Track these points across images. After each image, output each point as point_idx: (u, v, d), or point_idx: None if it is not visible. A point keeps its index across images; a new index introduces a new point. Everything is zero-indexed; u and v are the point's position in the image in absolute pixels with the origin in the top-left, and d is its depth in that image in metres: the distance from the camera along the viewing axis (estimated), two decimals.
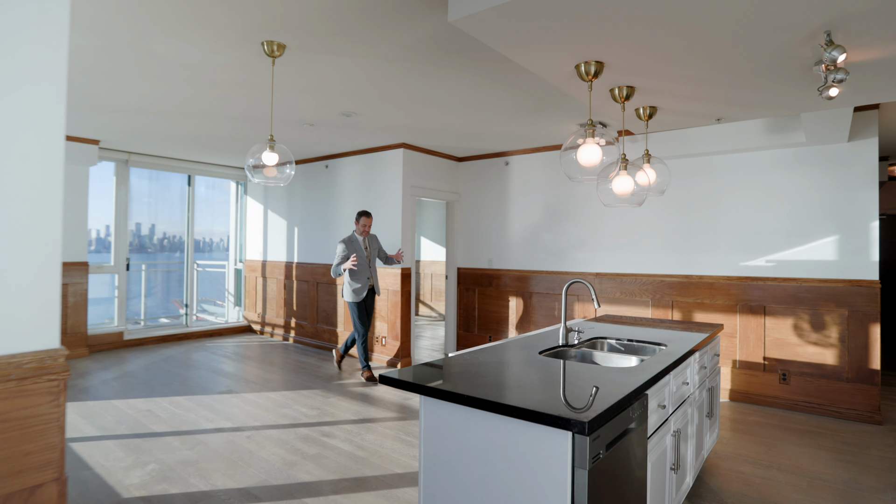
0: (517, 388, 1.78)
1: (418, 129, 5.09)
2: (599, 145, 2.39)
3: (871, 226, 4.03)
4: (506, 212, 6.11)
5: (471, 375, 1.94)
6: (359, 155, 6.20)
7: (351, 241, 5.11)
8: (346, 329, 6.34)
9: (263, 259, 7.64)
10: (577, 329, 2.81)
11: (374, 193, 6.01)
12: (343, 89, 3.82)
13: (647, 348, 2.76)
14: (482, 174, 6.35)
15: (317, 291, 6.75)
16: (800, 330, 4.30)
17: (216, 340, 7.18)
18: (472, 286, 6.38)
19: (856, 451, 3.47)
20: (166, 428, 3.75)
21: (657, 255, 5.00)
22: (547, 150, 5.76)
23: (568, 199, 5.60)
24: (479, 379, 1.88)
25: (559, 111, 4.34)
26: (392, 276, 5.77)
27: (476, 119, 4.64)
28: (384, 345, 5.87)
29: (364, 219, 5.11)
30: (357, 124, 4.89)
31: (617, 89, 2.76)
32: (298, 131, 5.21)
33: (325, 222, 6.65)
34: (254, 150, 2.95)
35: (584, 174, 2.50)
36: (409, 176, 5.82)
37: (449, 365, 2.12)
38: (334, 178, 6.54)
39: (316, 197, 6.79)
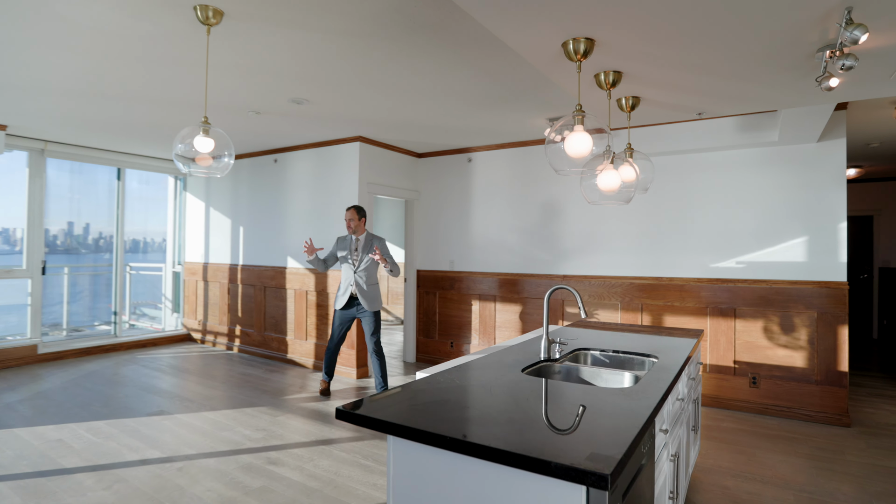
0: (508, 423, 1.46)
1: (376, 121, 4.70)
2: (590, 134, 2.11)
3: (840, 227, 3.99)
4: (468, 211, 5.81)
5: (450, 406, 1.60)
6: (311, 149, 5.74)
7: (342, 239, 4.59)
8: (297, 337, 5.86)
9: (205, 261, 7.01)
10: (559, 340, 2.53)
11: (328, 190, 5.57)
12: (292, 71, 3.39)
13: (636, 360, 2.51)
14: (443, 171, 6.02)
15: (264, 296, 6.22)
16: (770, 333, 4.22)
17: (150, 351, 6.51)
18: (432, 289, 6.04)
19: (832, 458, 3.37)
20: (79, 462, 3.20)
21: (626, 257, 4.83)
22: (513, 146, 5.50)
23: (534, 199, 5.36)
24: (460, 410, 1.55)
25: (529, 104, 4.07)
26: None
27: (440, 110, 4.30)
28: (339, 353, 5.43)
29: (347, 213, 4.50)
30: (309, 113, 4.45)
31: (603, 74, 2.50)
32: (243, 120, 4.71)
33: (274, 221, 6.13)
34: (184, 135, 2.49)
35: (571, 166, 2.22)
36: (366, 172, 5.41)
37: (421, 391, 1.77)
38: (284, 173, 6.03)
39: (263, 194, 6.26)
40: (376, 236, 4.56)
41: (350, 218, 4.49)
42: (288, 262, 5.96)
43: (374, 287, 4.52)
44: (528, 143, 5.38)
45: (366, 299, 4.45)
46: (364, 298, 4.45)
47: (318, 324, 5.65)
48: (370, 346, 4.50)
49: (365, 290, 4.45)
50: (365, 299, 4.45)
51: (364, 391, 4.81)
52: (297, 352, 5.86)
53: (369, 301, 4.46)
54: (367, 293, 4.46)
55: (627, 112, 2.93)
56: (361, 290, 4.45)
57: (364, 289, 4.45)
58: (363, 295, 4.44)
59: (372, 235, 4.55)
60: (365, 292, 4.45)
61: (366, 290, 4.45)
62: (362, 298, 4.44)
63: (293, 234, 5.91)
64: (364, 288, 4.45)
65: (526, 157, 5.42)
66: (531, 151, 5.38)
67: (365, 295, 4.45)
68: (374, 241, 4.50)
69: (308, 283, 5.72)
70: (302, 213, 5.82)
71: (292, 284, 5.89)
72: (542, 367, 2.30)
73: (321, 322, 5.62)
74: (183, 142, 2.50)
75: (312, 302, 5.70)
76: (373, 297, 4.49)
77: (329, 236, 5.53)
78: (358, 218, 4.51)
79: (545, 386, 1.88)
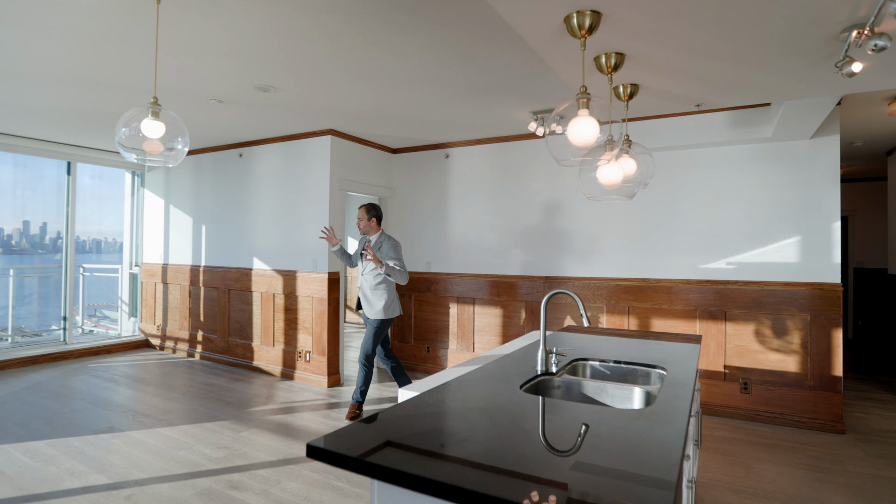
0: (520, 460, 1.19)
1: (349, 113, 4.38)
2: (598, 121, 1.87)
3: (833, 226, 3.87)
4: (446, 210, 5.54)
5: (446, 438, 1.33)
6: (279, 142, 5.37)
7: (362, 238, 4.27)
8: (264, 343, 5.49)
9: (164, 262, 6.55)
10: (556, 350, 2.28)
11: (297, 186, 5.22)
12: (258, 53, 3.06)
13: (640, 372, 2.28)
14: (420, 168, 5.74)
15: (228, 300, 5.82)
16: (762, 336, 4.08)
17: (104, 360, 6.02)
18: (407, 291, 5.74)
19: (832, 468, 3.22)
20: (11, 491, 2.79)
21: (612, 257, 4.64)
22: (493, 141, 5.25)
23: (515, 197, 5.12)
24: (459, 445, 1.27)
25: (514, 95, 3.82)
26: (317, 281, 5.01)
27: (419, 101, 4.02)
28: (308, 361, 5.09)
29: (358, 212, 4.10)
30: (276, 103, 4.10)
31: (605, 57, 2.26)
32: (204, 110, 4.33)
33: (239, 220, 5.73)
34: (128, 118, 2.14)
35: (575, 155, 1.97)
36: (338, 167, 5.08)
37: (409, 417, 1.48)
38: (249, 168, 5.64)
39: (227, 190, 5.86)
40: (390, 237, 4.10)
41: (360, 217, 4.11)
42: (254, 264, 5.57)
43: (380, 292, 4.03)
44: (509, 138, 5.14)
45: (367, 303, 4.07)
46: (366, 302, 4.08)
47: (286, 329, 5.29)
48: (360, 354, 4.08)
49: (367, 294, 4.07)
50: (367, 303, 4.08)
51: (335, 403, 4.49)
52: (263, 359, 5.48)
53: (371, 306, 4.04)
54: (370, 297, 4.06)
55: (625, 101, 2.71)
56: (364, 293, 4.10)
57: (367, 293, 4.08)
58: (365, 299, 4.09)
59: (386, 237, 4.11)
60: (367, 296, 4.08)
61: (368, 294, 4.07)
62: (364, 302, 4.10)
63: (259, 233, 5.53)
64: (367, 292, 4.08)
65: (507, 153, 5.18)
66: (513, 147, 5.14)
67: (367, 298, 4.08)
68: (384, 242, 4.07)
69: (276, 285, 5.35)
70: (269, 211, 5.45)
71: (259, 287, 5.51)
72: (540, 383, 2.05)
73: (289, 327, 5.26)
74: (128, 125, 2.15)
75: (280, 306, 5.33)
76: (375, 303, 4.03)
77: (298, 236, 5.18)
78: (367, 217, 4.08)
79: (545, 406, 1.62)
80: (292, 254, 5.23)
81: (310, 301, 5.09)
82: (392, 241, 4.09)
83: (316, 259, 5.02)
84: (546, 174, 4.95)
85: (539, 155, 4.99)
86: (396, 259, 3.99)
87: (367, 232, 4.13)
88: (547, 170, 4.94)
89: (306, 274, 5.10)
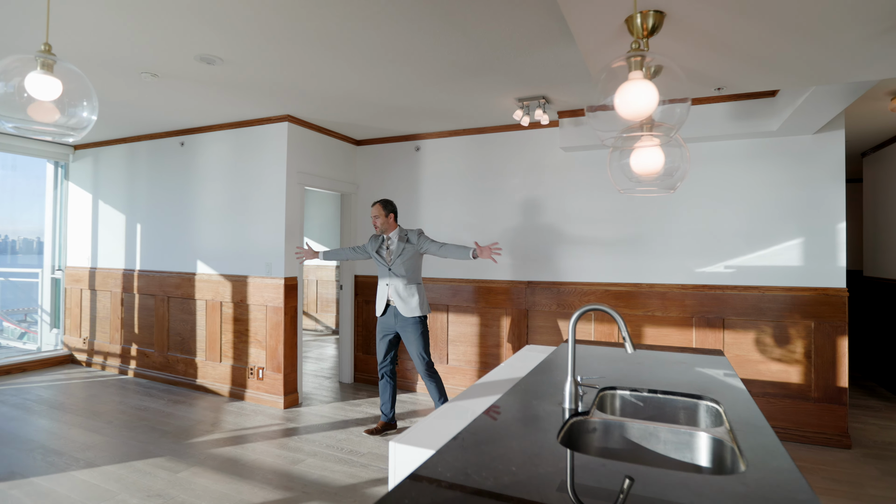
0: None
1: (310, 95, 3.81)
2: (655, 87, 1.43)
3: (838, 227, 3.63)
4: (416, 207, 5.03)
5: None
6: (228, 129, 4.71)
7: (374, 237, 3.81)
8: (210, 358, 4.81)
9: (92, 266, 5.72)
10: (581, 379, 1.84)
11: (249, 180, 4.58)
12: (200, 10, 2.46)
13: (682, 404, 1.86)
14: (386, 161, 5.21)
15: (167, 309, 5.09)
16: (762, 345, 3.80)
17: (17, 380, 5.15)
18: (372, 298, 5.20)
19: (853, 492, 2.94)
20: None
21: (601, 260, 4.27)
22: (470, 133, 4.79)
23: (494, 194, 4.68)
24: None
25: (500, 76, 3.37)
26: (272, 287, 4.40)
27: (392, 82, 3.50)
28: (261, 378, 4.47)
29: (372, 209, 3.70)
30: (224, 79, 3.49)
31: (640, 17, 1.83)
32: (135, 86, 3.65)
33: (180, 218, 5.02)
34: (6, 68, 1.54)
35: (624, 129, 1.52)
36: (296, 159, 4.49)
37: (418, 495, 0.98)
38: (193, 159, 4.95)
39: (167, 185, 5.13)
40: (411, 229, 3.75)
41: (375, 215, 3.66)
42: (198, 268, 4.88)
43: (412, 287, 3.64)
44: (488, 129, 4.69)
45: (403, 301, 3.60)
46: (401, 300, 3.61)
47: (235, 342, 4.64)
48: (420, 368, 3.62)
49: (401, 291, 3.61)
50: (402, 301, 3.60)
51: (294, 429, 3.90)
52: (208, 376, 4.80)
53: (406, 303, 3.59)
54: (404, 294, 3.61)
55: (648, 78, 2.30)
56: (397, 291, 3.62)
57: (400, 289, 3.61)
58: (399, 297, 3.61)
59: (406, 230, 3.74)
60: (401, 293, 3.61)
61: (402, 291, 3.61)
62: (399, 301, 3.61)
63: (204, 233, 4.85)
64: (400, 290, 3.61)
65: (485, 146, 4.73)
66: (492, 140, 4.70)
67: (401, 297, 3.61)
68: (410, 234, 3.70)
69: (223, 292, 4.69)
70: (216, 207, 4.78)
71: (203, 294, 4.83)
72: (574, 427, 1.59)
73: (239, 340, 4.61)
74: (5, 79, 1.55)
75: (229, 315, 4.68)
76: (410, 300, 3.61)
77: (250, 236, 4.54)
78: (385, 213, 3.67)
79: (601, 471, 1.15)
80: (243, 256, 4.59)
81: (263, 310, 4.46)
82: (416, 230, 3.73)
83: (270, 262, 4.41)
84: (528, 170, 4.53)
85: (522, 149, 4.57)
86: (432, 241, 3.69)
87: (386, 230, 3.69)
88: (529, 165, 4.52)
89: (259, 279, 4.47)
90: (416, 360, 3.62)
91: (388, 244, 3.69)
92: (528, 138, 4.53)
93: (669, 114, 1.54)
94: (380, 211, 3.65)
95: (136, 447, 3.47)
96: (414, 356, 3.62)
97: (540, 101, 3.79)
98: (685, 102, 1.52)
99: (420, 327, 3.61)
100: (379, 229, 3.67)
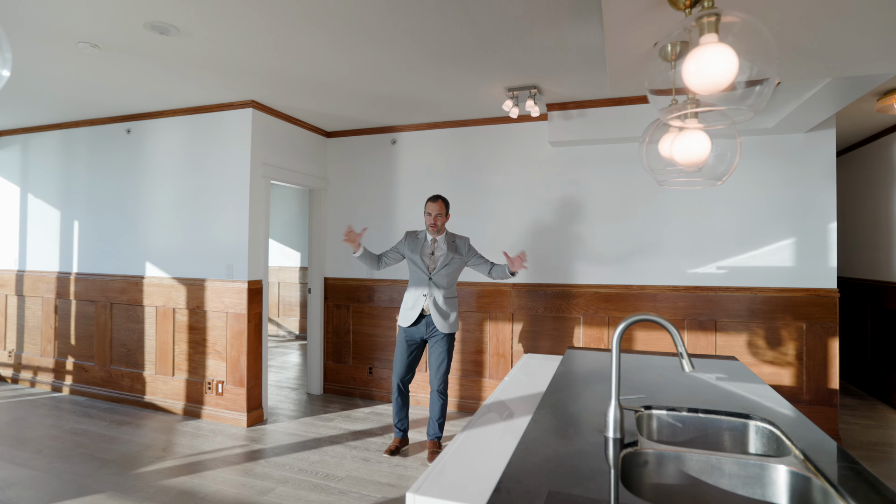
0: None
1: (278, 76, 3.42)
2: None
3: (829, 227, 3.57)
4: (392, 205, 4.71)
5: None
6: (184, 115, 4.23)
7: (413, 235, 3.45)
8: (161, 372, 4.31)
9: (20, 268, 5.06)
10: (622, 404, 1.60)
11: (208, 173, 4.12)
12: None
13: (727, 425, 1.65)
14: (360, 155, 4.85)
15: (110, 317, 4.54)
16: (754, 348, 3.70)
17: None
18: (344, 302, 4.84)
19: None
20: None
21: (588, 261, 4.08)
22: (452, 126, 4.50)
23: (476, 191, 4.41)
24: None
25: (493, 63, 3.11)
26: (234, 292, 3.97)
27: (372, 64, 3.17)
28: (221, 393, 4.03)
29: (428, 205, 3.33)
30: (181, 54, 3.05)
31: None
32: (72, 59, 3.15)
33: (126, 215, 4.49)
34: None
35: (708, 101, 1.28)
36: (261, 150, 4.08)
37: None
38: (141, 149, 4.43)
39: (110, 177, 4.58)
40: (458, 235, 3.45)
41: (437, 213, 3.30)
42: (147, 270, 4.37)
43: (452, 301, 3.35)
44: (470, 122, 4.42)
45: (441, 316, 3.26)
46: (439, 315, 3.26)
47: (190, 353, 4.17)
48: (436, 382, 3.32)
49: (441, 304, 3.26)
50: (440, 316, 3.26)
51: (260, 451, 3.50)
52: (159, 392, 4.30)
53: (445, 318, 3.28)
54: (445, 308, 3.28)
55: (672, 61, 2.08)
56: (436, 303, 3.25)
57: (440, 301, 3.26)
58: (438, 311, 3.26)
59: (453, 234, 3.43)
60: (441, 307, 3.26)
61: (443, 303, 3.27)
62: (437, 315, 3.26)
63: (154, 231, 4.34)
64: (441, 300, 3.26)
65: (467, 141, 4.46)
66: (475, 133, 4.43)
67: (440, 310, 3.26)
68: (459, 241, 3.40)
69: (177, 297, 4.21)
70: (168, 203, 4.29)
71: (153, 300, 4.32)
72: (626, 462, 1.33)
73: (195, 351, 4.15)
74: None
75: (183, 324, 4.20)
76: (450, 314, 3.31)
77: (208, 234, 4.09)
78: (447, 213, 3.36)
79: None
80: (200, 258, 4.13)
81: (223, 317, 4.02)
82: (465, 238, 3.45)
83: (232, 264, 3.97)
84: (513, 166, 4.29)
85: (506, 144, 4.32)
86: (483, 257, 3.45)
87: (440, 231, 3.35)
88: (514, 161, 4.29)
89: (219, 283, 4.03)
90: (436, 374, 3.32)
91: (434, 249, 3.35)
92: (514, 132, 4.29)
93: (748, 92, 1.31)
94: (442, 209, 3.32)
95: (70, 482, 2.98)
96: (435, 370, 3.32)
97: (531, 91, 3.55)
98: (768, 80, 1.28)
99: (452, 342, 3.35)
100: (436, 229, 3.33)
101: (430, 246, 3.35)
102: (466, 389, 4.37)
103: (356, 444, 3.57)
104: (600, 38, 2.72)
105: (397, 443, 3.42)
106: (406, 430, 3.46)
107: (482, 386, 4.34)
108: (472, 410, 4.33)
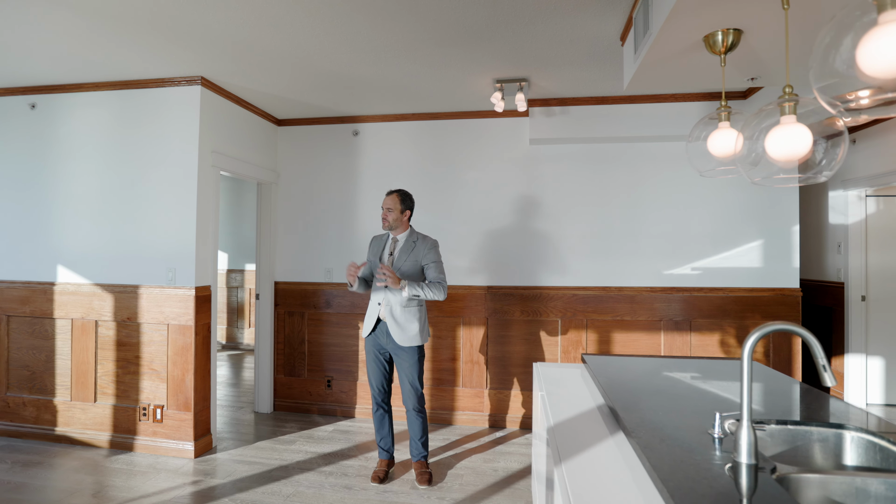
0: None
1: (231, 45, 2.89)
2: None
3: (793, 230, 3.76)
4: (353, 203, 4.32)
5: None
6: (110, 90, 3.55)
7: (378, 239, 3.12)
8: (78, 398, 3.58)
9: None
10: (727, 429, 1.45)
11: (142, 159, 3.49)
12: None
13: (818, 437, 1.56)
14: (315, 146, 4.40)
15: (7, 332, 3.71)
16: (726, 346, 3.81)
17: None
18: (298, 309, 4.37)
19: None
20: None
21: (567, 263, 3.99)
22: (421, 118, 4.21)
23: (447, 189, 4.16)
24: None
25: (487, 50, 2.89)
26: (177, 299, 3.39)
27: (345, 38, 2.80)
28: (160, 420, 3.42)
29: (386, 199, 2.95)
30: (109, 8, 2.48)
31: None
32: None
33: (31, 209, 3.69)
34: None
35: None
36: (210, 135, 3.52)
37: None
38: (51, 127, 3.66)
39: (8, 162, 3.75)
40: (425, 236, 3.03)
41: (389, 207, 2.94)
42: (59, 276, 3.62)
43: (412, 310, 2.90)
44: (442, 115, 4.15)
45: (398, 327, 2.84)
46: (396, 325, 2.85)
47: (118, 374, 3.50)
48: (409, 402, 2.96)
49: (397, 315, 2.85)
50: (398, 327, 2.84)
51: (219, 487, 2.99)
52: (76, 422, 3.58)
53: (403, 330, 2.86)
54: (402, 318, 2.86)
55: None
56: (392, 312, 2.85)
57: (395, 313, 2.85)
58: (395, 321, 2.85)
59: (420, 235, 3.02)
60: (397, 317, 2.85)
61: (398, 314, 2.85)
62: (394, 325, 2.85)
63: (70, 228, 3.61)
64: (396, 311, 2.85)
65: (439, 134, 4.19)
66: (447, 127, 4.18)
67: (396, 321, 2.85)
68: (420, 241, 2.98)
69: (100, 307, 3.52)
70: (89, 195, 3.57)
71: (68, 311, 3.59)
72: (765, 490, 1.17)
73: (125, 371, 3.49)
74: None
75: (108, 339, 3.52)
76: (408, 326, 2.88)
77: (143, 232, 3.47)
78: (401, 208, 2.96)
79: None
80: (132, 260, 3.48)
81: (163, 330, 3.42)
82: (429, 240, 2.99)
83: (175, 268, 3.39)
84: (489, 163, 4.10)
85: (482, 139, 4.11)
86: (436, 263, 2.95)
87: (395, 228, 2.96)
88: (490, 157, 4.09)
89: (157, 290, 3.41)
90: (406, 389, 2.95)
91: (394, 247, 2.98)
92: (491, 128, 4.09)
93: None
94: (395, 203, 2.93)
95: None
96: (404, 385, 2.95)
97: (520, 84, 3.38)
98: None
99: (417, 353, 2.95)
100: (388, 226, 2.95)
101: (390, 245, 3.03)
102: (438, 400, 4.11)
103: (331, 470, 3.17)
104: (601, 31, 2.60)
105: (384, 465, 3.06)
106: (391, 450, 3.11)
107: (455, 395, 4.09)
108: (445, 422, 4.07)
